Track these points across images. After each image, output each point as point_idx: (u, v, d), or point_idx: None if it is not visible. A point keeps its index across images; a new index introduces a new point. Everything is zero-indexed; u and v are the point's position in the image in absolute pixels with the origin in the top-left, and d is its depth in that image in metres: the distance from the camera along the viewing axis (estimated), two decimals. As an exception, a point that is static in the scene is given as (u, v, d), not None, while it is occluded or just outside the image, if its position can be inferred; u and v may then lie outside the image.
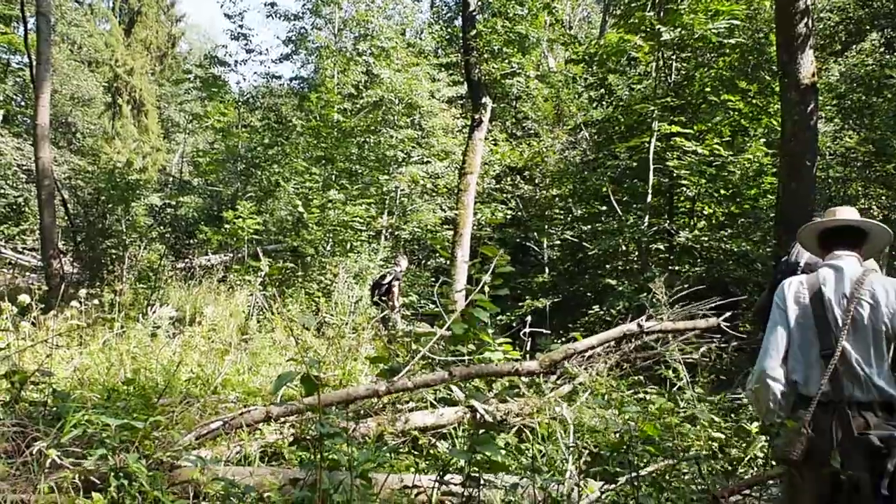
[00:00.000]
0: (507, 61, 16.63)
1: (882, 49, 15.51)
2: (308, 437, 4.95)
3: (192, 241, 19.08)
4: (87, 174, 17.40)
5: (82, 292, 7.06)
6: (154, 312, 8.03)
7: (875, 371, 2.99)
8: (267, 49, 40.17)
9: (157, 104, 37.10)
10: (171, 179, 29.49)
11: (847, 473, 2.88)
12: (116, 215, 15.31)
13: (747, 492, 4.57)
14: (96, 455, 3.42)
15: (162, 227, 19.10)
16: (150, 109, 35.67)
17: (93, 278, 13.48)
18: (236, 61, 22.40)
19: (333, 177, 17.57)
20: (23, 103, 26.83)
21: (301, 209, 15.52)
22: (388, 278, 12.43)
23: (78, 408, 4.05)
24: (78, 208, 16.04)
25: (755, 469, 5.06)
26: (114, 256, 14.60)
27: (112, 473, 3.32)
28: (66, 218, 15.80)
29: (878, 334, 3.02)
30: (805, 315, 3.17)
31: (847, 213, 3.40)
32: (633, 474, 3.50)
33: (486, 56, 15.83)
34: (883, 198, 15.46)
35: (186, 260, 17.30)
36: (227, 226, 14.39)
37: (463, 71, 17.11)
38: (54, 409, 4.16)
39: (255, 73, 37.29)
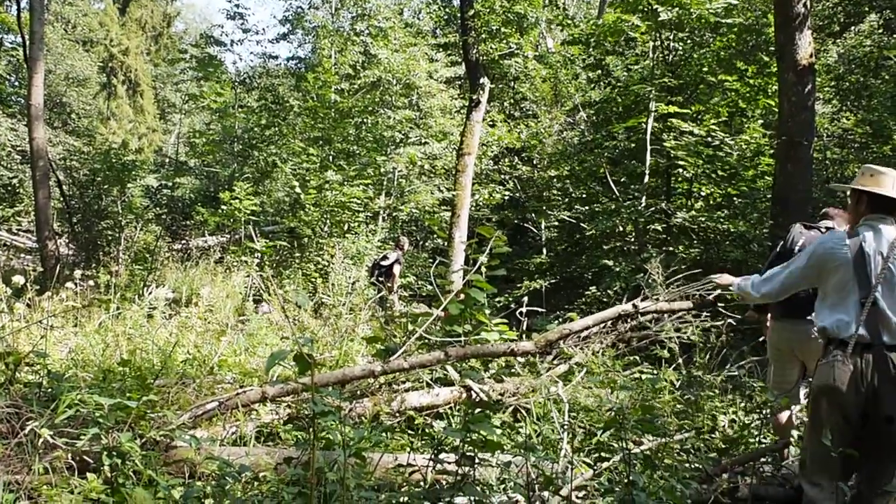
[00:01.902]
0: (505, 41, 16.54)
1: (880, 31, 15.45)
2: (303, 417, 4.97)
3: (188, 222, 19.07)
4: (82, 155, 17.35)
5: (77, 273, 7.04)
6: (150, 293, 8.02)
7: None
8: (263, 29, 40.18)
9: (153, 84, 36.91)
10: (167, 160, 29.40)
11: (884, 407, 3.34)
12: (112, 196, 15.26)
13: (740, 469, 4.60)
14: (89, 434, 3.42)
15: (158, 209, 19.06)
16: (145, 90, 35.48)
17: (88, 260, 13.47)
18: (232, 41, 22.26)
19: (331, 157, 17.53)
20: (16, 83, 26.68)
21: (298, 190, 15.50)
22: (390, 260, 12.42)
23: (72, 388, 4.05)
24: (73, 189, 15.98)
25: (748, 447, 5.08)
26: (109, 238, 14.59)
27: (105, 453, 3.33)
28: (61, 199, 15.74)
29: None
30: (846, 268, 3.55)
31: (891, 183, 3.67)
32: (626, 452, 3.52)
33: (484, 36, 15.75)
34: (880, 179, 15.42)
35: (183, 241, 17.30)
36: (223, 207, 14.37)
37: (461, 51, 17.03)
38: (49, 390, 4.16)
39: (252, 53, 37.40)
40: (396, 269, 12.48)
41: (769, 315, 5.13)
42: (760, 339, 6.64)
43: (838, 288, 3.58)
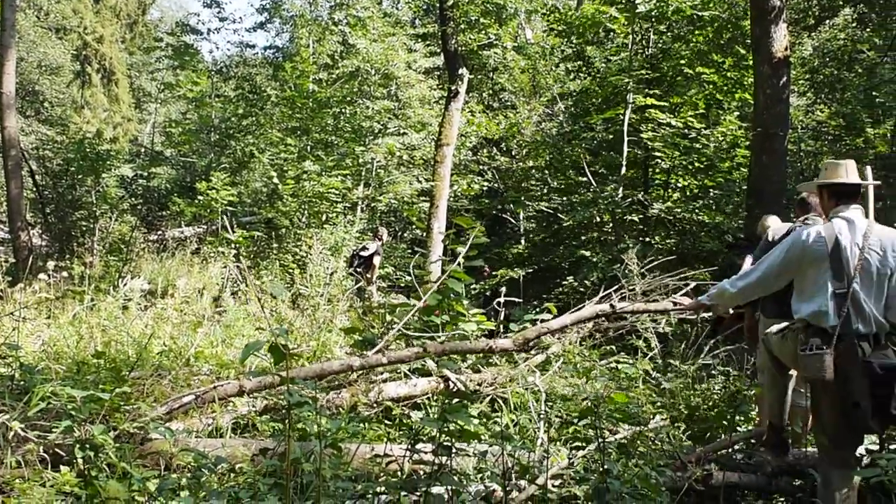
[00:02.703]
0: (484, 32, 16.51)
1: (854, 25, 15.58)
2: (279, 408, 4.95)
3: (164, 212, 18.88)
4: (55, 144, 17.10)
5: (51, 265, 6.97)
6: (125, 285, 7.95)
7: (874, 308, 3.63)
8: (241, 17, 39.81)
9: (128, 73, 36.42)
10: (142, 150, 29.06)
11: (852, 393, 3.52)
12: (86, 186, 15.06)
13: (714, 457, 4.65)
14: (62, 427, 3.39)
15: (133, 199, 18.86)
16: (120, 78, 35.00)
17: (62, 251, 13.32)
18: (209, 29, 22.06)
19: (309, 148, 17.43)
20: (-12, 72, 26.22)
21: (276, 180, 15.40)
22: (370, 251, 12.37)
23: (45, 381, 4.01)
24: (46, 179, 15.76)
25: (722, 436, 5.14)
26: (84, 228, 14.41)
27: (77, 445, 3.30)
28: (34, 189, 15.53)
29: (882, 277, 3.64)
30: (823, 260, 3.69)
31: (854, 173, 3.89)
32: (601, 440, 3.54)
33: (463, 26, 15.71)
34: (853, 171, 15.60)
35: (159, 232, 17.14)
36: (200, 197, 14.25)
37: (440, 41, 16.98)
38: (21, 382, 4.12)
39: (229, 42, 37.00)
40: (377, 260, 12.46)
41: (758, 313, 5.19)
42: (736, 327, 6.71)
43: (816, 280, 3.71)
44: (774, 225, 5.51)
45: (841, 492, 3.64)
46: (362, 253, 12.41)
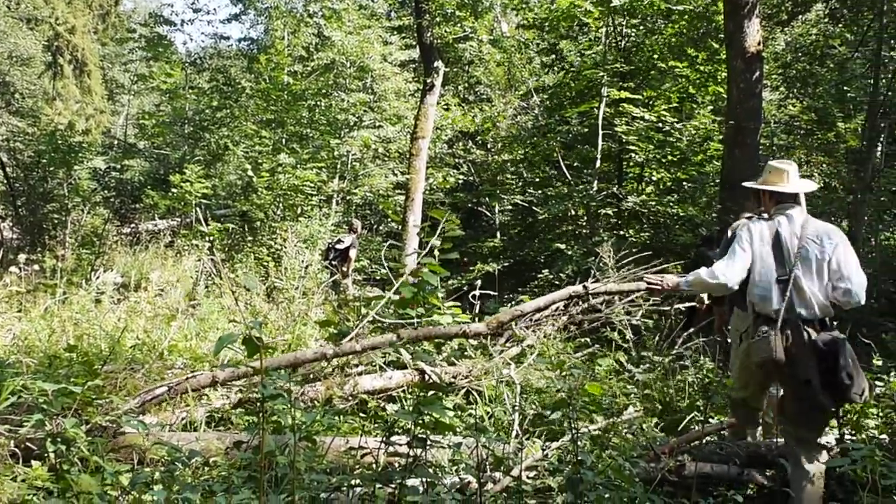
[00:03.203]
0: (459, 25, 16.49)
1: (826, 20, 15.74)
2: (253, 401, 4.94)
3: (137, 205, 18.70)
4: (26, 136, 16.86)
5: (22, 258, 6.89)
6: (98, 278, 7.88)
7: (818, 293, 3.91)
8: (215, 8, 39.64)
9: (101, 64, 35.97)
10: (115, 142, 28.74)
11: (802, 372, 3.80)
12: (58, 179, 14.86)
13: (687, 448, 4.70)
14: (33, 421, 3.36)
15: (106, 192, 18.64)
16: (92, 70, 34.55)
17: (33, 244, 13.15)
18: (182, 20, 21.96)
19: (284, 140, 17.34)
20: (-43, 62, 25.84)
21: (251, 173, 15.32)
22: (345, 244, 12.35)
23: (16, 375, 3.97)
24: (17, 172, 15.54)
25: (694, 426, 5.19)
26: (56, 221, 14.24)
27: (49, 439, 3.27)
28: (4, 182, 15.32)
29: (821, 263, 3.93)
30: (767, 251, 4.03)
31: (794, 180, 4.21)
32: (575, 431, 3.57)
33: (438, 19, 15.68)
34: (824, 165, 15.81)
35: (132, 225, 16.98)
36: (174, 190, 14.13)
37: (415, 34, 16.93)
38: (-8, 376, 4.07)
39: (203, 33, 36.61)
40: (353, 253, 12.44)
41: (734, 307, 5.26)
42: (709, 320, 6.78)
43: (762, 267, 4.04)
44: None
45: (810, 474, 3.84)
46: (338, 246, 12.39)
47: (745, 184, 4.50)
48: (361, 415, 5.39)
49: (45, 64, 32.83)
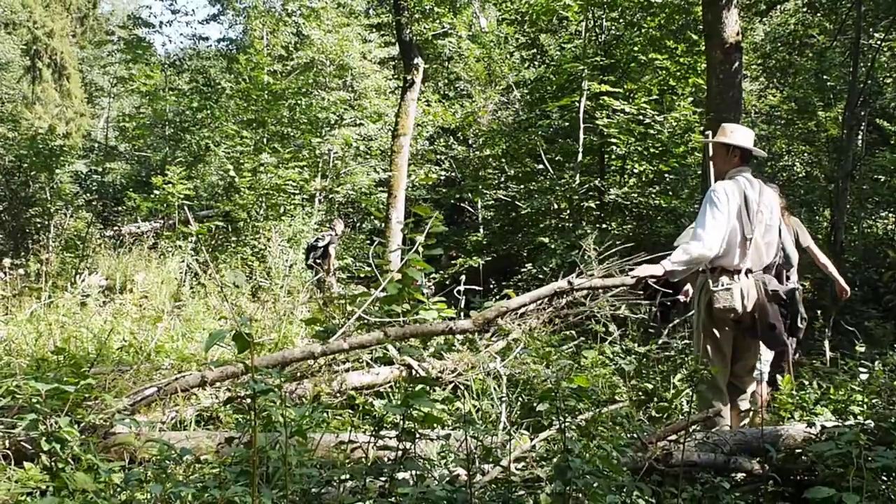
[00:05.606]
0: (438, 21, 16.51)
1: (804, 9, 15.89)
2: (243, 398, 4.96)
3: (120, 208, 18.61)
4: (7, 141, 16.73)
5: (6, 262, 6.87)
6: (83, 281, 7.86)
7: (773, 250, 4.46)
8: (193, 10, 39.38)
9: (80, 68, 35.69)
10: (96, 145, 28.50)
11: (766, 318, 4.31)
12: (40, 183, 14.81)
13: (673, 437, 4.76)
14: (26, 421, 3.37)
15: (88, 195, 18.52)
16: (72, 73, 34.29)
17: (17, 248, 13.08)
18: (161, 22, 21.78)
19: (265, 140, 17.31)
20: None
21: (233, 173, 15.29)
22: (325, 241, 12.40)
23: (6, 377, 3.97)
24: (-2, 177, 15.46)
25: (681, 416, 5.26)
26: (38, 225, 14.18)
27: (43, 438, 3.29)
28: (-15, 187, 15.22)
29: (770, 228, 4.46)
30: (735, 212, 4.37)
31: (749, 137, 4.68)
32: (562, 421, 3.62)
33: (417, 16, 15.68)
34: (805, 154, 15.98)
35: (115, 227, 16.88)
36: (156, 192, 14.09)
37: (394, 31, 16.93)
38: (-20, 379, 4.08)
39: (182, 34, 36.38)
40: (332, 250, 12.48)
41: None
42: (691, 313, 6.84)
43: (731, 227, 4.36)
44: None
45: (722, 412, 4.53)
46: (317, 244, 12.45)
47: (703, 140, 4.98)
48: (350, 411, 5.42)
49: (24, 68, 32.57)
